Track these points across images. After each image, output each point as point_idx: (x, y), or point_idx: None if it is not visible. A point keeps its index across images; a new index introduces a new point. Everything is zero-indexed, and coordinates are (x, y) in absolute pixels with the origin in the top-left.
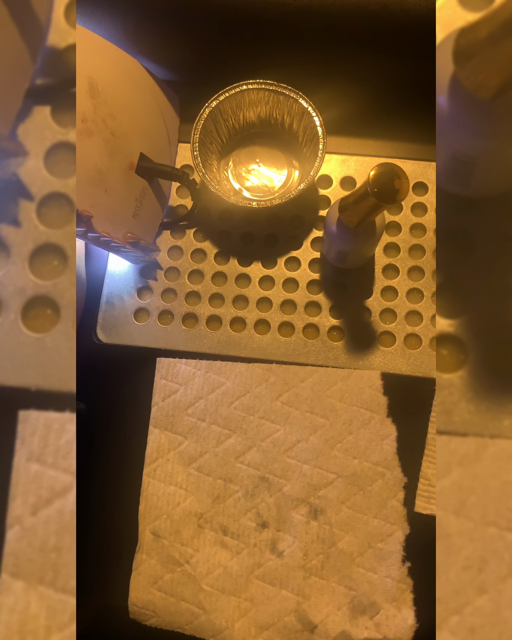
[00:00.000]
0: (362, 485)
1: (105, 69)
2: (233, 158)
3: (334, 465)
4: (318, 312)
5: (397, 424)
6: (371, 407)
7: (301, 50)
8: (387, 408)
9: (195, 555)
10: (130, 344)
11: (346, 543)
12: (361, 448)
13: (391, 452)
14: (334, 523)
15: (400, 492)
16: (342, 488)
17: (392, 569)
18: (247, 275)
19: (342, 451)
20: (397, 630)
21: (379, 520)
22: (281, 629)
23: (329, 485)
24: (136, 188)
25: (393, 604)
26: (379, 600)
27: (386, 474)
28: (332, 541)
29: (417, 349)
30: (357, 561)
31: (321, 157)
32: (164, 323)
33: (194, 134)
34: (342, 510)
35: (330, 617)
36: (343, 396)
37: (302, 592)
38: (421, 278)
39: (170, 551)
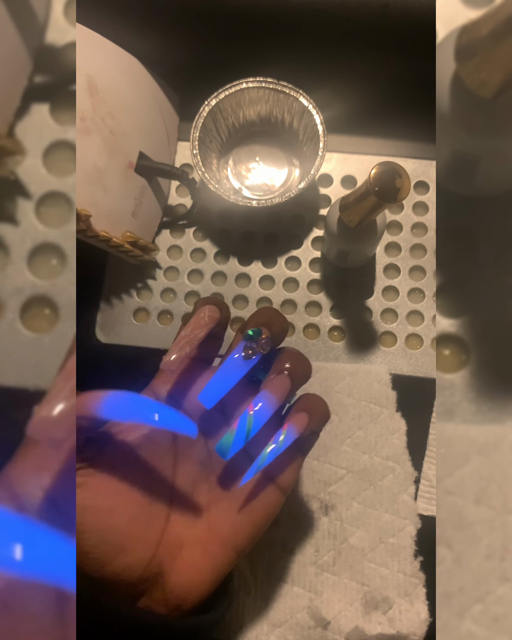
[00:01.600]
0: (372, 481)
1: (105, 67)
2: (233, 156)
3: (344, 461)
4: (319, 312)
5: (407, 418)
6: (379, 401)
7: (301, 48)
8: (396, 402)
9: None
10: (129, 344)
11: (357, 538)
12: (371, 443)
13: (401, 446)
14: (344, 519)
15: (411, 487)
16: (352, 483)
17: (404, 563)
18: (247, 274)
19: (352, 446)
20: (411, 625)
21: (390, 515)
22: (294, 626)
23: (339, 480)
24: (135, 187)
25: (406, 598)
26: (392, 595)
27: (396, 468)
28: (344, 537)
29: (418, 349)
30: (368, 556)
31: (321, 156)
32: (163, 323)
33: (193, 132)
34: (352, 505)
35: (343, 613)
36: (351, 391)
37: (314, 589)
38: (422, 277)
39: None
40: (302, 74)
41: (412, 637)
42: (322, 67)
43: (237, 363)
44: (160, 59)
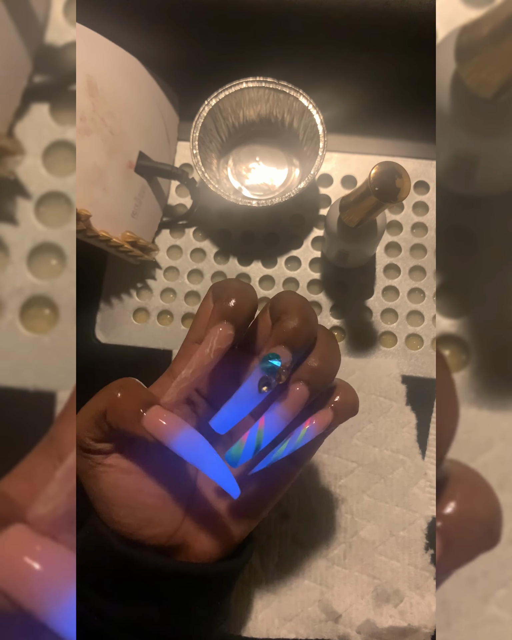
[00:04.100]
0: (383, 474)
1: (104, 67)
2: (233, 156)
3: (354, 454)
4: (319, 312)
5: (416, 412)
6: (389, 395)
7: (301, 48)
8: (406, 396)
9: None
10: (129, 344)
11: (368, 532)
12: (381, 436)
13: (411, 439)
14: (355, 512)
15: (421, 480)
16: (362, 477)
17: (415, 556)
18: (247, 274)
19: (362, 440)
20: (422, 618)
21: (400, 508)
22: (305, 620)
23: (350, 474)
24: (135, 187)
25: (416, 591)
26: (403, 588)
27: (407, 461)
28: (354, 530)
29: (418, 349)
30: (379, 549)
31: (321, 156)
32: (163, 323)
33: (193, 132)
34: (363, 499)
35: (354, 606)
36: (361, 385)
37: (325, 582)
38: (422, 277)
39: None
40: (302, 73)
41: (423, 630)
42: (322, 67)
43: (252, 395)
44: (160, 59)
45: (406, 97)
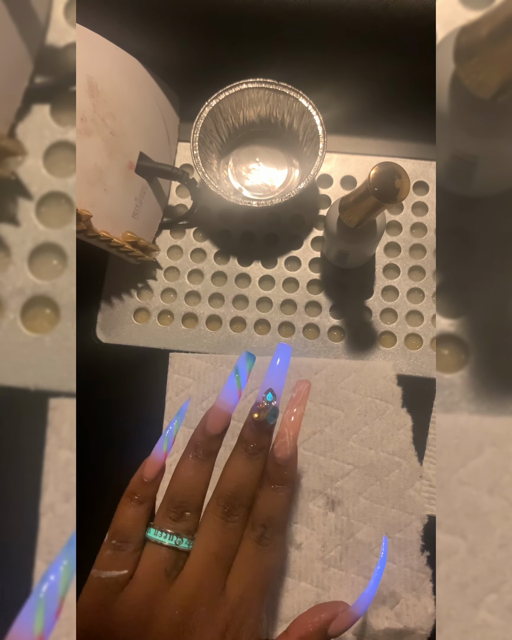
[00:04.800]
0: (378, 476)
1: (105, 67)
2: (233, 157)
3: (351, 456)
4: (318, 312)
5: (412, 414)
6: (385, 397)
7: (301, 49)
8: (402, 398)
9: None
10: (129, 344)
11: (364, 534)
12: (377, 438)
13: (407, 441)
14: (351, 514)
15: (417, 482)
16: (359, 479)
17: (411, 558)
18: (247, 274)
19: (358, 442)
20: (418, 620)
21: (396, 510)
22: None
23: (346, 476)
24: (136, 187)
25: (413, 593)
26: (399, 590)
27: (403, 463)
28: (350, 532)
29: (418, 349)
30: (375, 552)
31: (321, 156)
32: (163, 323)
33: (193, 133)
34: (359, 501)
35: None
36: (357, 387)
37: (321, 584)
38: (421, 278)
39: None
40: (302, 74)
41: (419, 632)
42: (322, 68)
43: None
44: (160, 60)
45: (405, 98)
